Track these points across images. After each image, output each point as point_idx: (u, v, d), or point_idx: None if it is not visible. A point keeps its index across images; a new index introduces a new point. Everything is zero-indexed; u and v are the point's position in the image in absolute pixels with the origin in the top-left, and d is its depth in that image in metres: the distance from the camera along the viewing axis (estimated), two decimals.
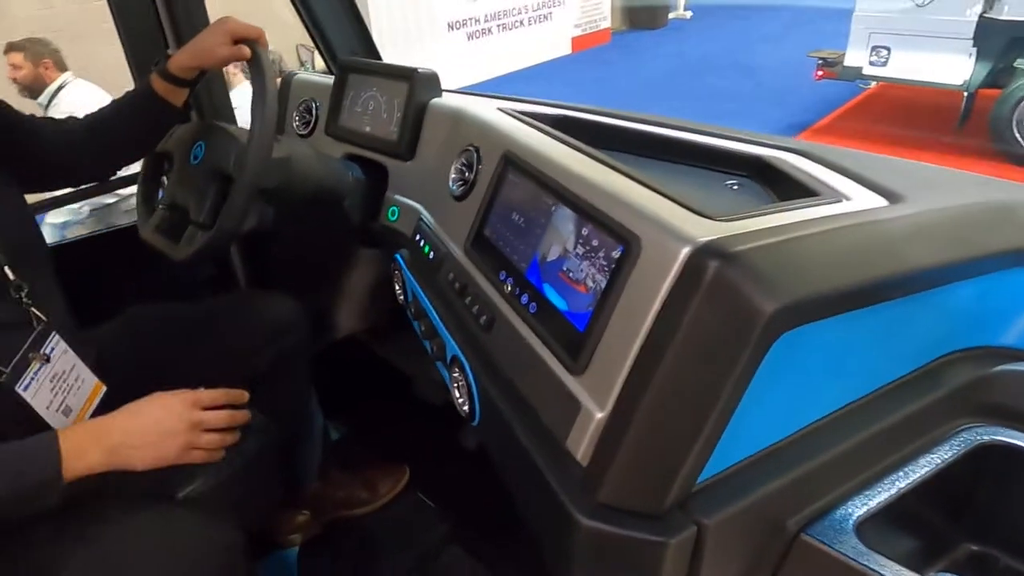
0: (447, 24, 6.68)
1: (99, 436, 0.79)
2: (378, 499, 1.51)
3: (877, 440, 0.66)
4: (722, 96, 5.93)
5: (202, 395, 0.87)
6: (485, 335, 0.80)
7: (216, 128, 1.06)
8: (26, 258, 0.89)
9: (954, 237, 0.65)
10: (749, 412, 0.56)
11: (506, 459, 0.76)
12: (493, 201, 0.87)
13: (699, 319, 0.52)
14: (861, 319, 0.59)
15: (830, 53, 5.06)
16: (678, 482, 0.56)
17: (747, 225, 0.58)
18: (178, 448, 0.83)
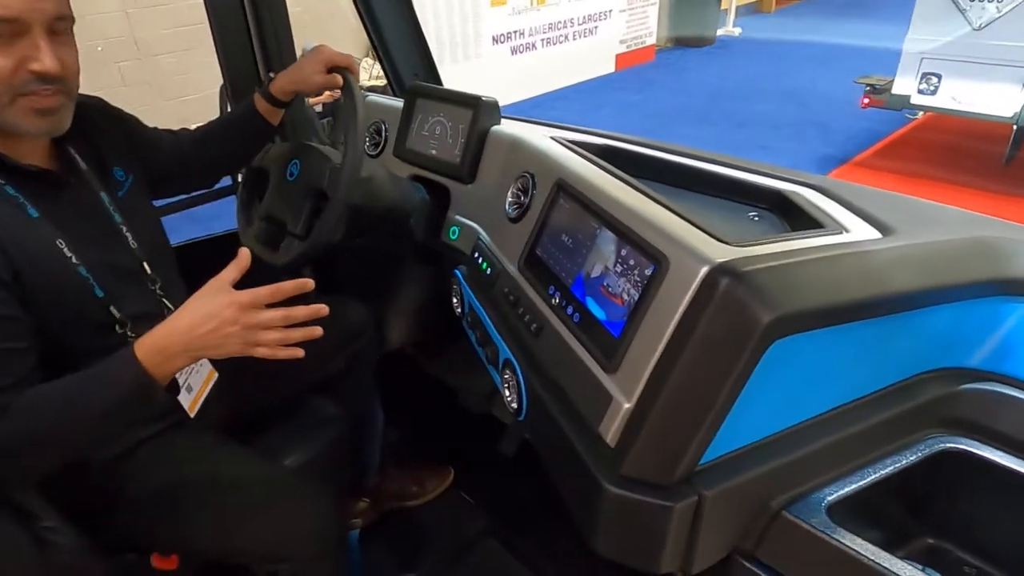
0: (491, 37, 6.83)
1: (171, 343, 0.83)
2: (426, 495, 1.69)
3: (853, 441, 0.79)
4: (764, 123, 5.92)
5: (256, 295, 0.84)
6: (534, 341, 0.95)
7: (310, 148, 1.23)
8: (158, 256, 1.08)
9: (932, 267, 0.79)
10: (745, 408, 0.70)
11: (548, 443, 0.91)
12: (545, 223, 1.01)
13: (710, 326, 0.67)
14: (846, 334, 0.73)
15: (879, 80, 5.01)
16: (685, 461, 0.71)
17: (757, 250, 0.72)
18: (240, 346, 0.85)
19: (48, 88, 0.87)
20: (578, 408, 0.82)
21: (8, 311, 0.84)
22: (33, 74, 0.85)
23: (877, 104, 4.95)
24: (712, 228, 0.77)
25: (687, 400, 0.69)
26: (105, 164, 1.07)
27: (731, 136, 5.60)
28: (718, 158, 1.13)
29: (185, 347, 0.84)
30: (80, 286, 0.94)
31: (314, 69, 1.18)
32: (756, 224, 0.97)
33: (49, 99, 0.88)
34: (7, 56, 0.83)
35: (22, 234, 0.88)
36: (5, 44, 0.83)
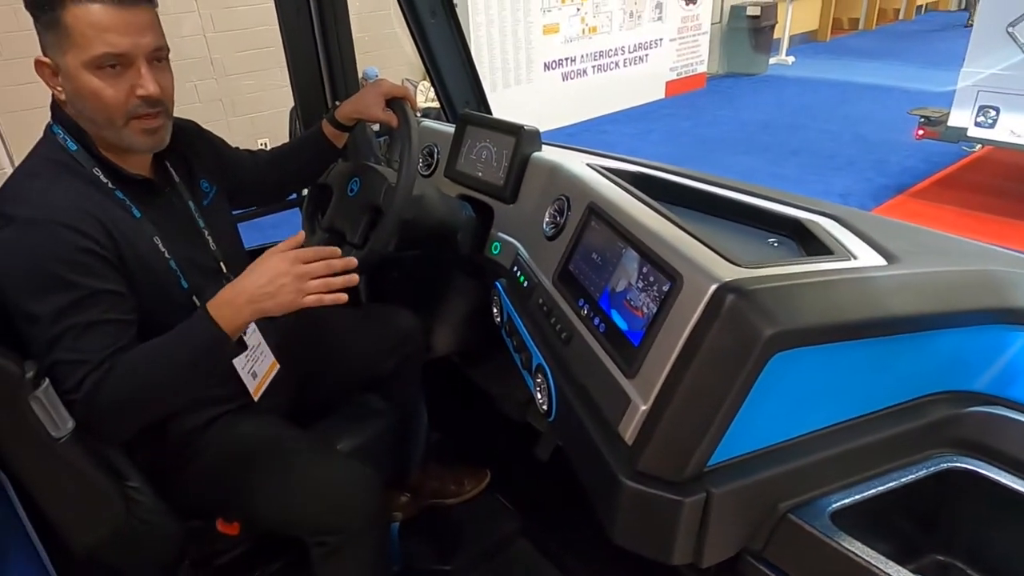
0: (543, 64, 6.99)
1: (237, 296, 0.97)
2: (463, 494, 1.79)
3: (859, 454, 0.85)
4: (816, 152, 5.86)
5: (301, 252, 0.99)
6: (564, 348, 1.03)
7: (369, 168, 1.34)
8: (233, 256, 1.23)
9: (932, 293, 0.84)
10: (752, 415, 0.77)
11: (574, 442, 0.99)
12: (578, 242, 1.10)
13: (717, 338, 0.74)
14: (848, 351, 0.79)
15: (934, 111, 4.90)
16: (695, 459, 0.78)
17: (764, 271, 0.79)
18: (293, 294, 0.97)
19: (152, 111, 1.02)
20: (601, 409, 0.90)
21: (119, 288, 0.99)
22: (140, 99, 1.00)
23: (932, 136, 4.85)
24: (724, 250, 0.84)
25: (696, 403, 0.77)
26: (194, 177, 1.22)
27: (782, 164, 5.58)
28: (744, 187, 1.19)
29: (248, 299, 0.97)
30: (170, 277, 1.09)
31: (375, 100, 1.31)
32: (773, 249, 1.04)
33: (154, 120, 1.03)
34: (119, 86, 0.98)
35: (128, 230, 1.03)
36: (116, 76, 0.98)
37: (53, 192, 0.98)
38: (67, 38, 0.95)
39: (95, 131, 1.02)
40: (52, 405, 0.92)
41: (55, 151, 1.03)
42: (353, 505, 1.17)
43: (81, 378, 0.93)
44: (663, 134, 6.81)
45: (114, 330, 0.97)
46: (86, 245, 0.95)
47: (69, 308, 0.93)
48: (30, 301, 0.93)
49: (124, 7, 0.96)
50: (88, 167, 1.03)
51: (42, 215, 0.94)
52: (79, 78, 0.97)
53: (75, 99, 0.99)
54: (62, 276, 0.93)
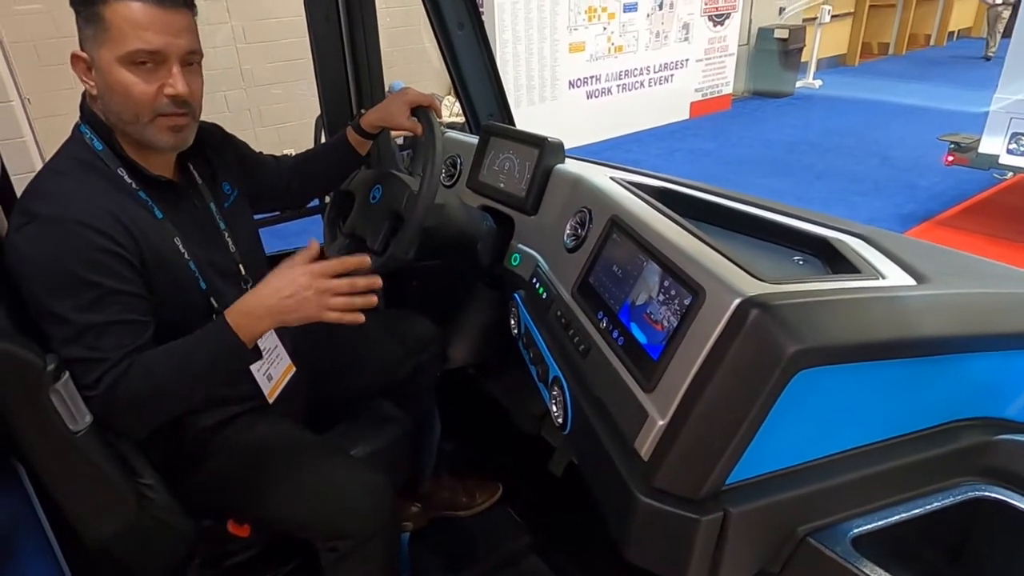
0: (568, 81, 7.04)
1: (257, 307, 0.98)
2: (475, 506, 1.77)
3: (884, 479, 0.82)
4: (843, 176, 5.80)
5: (326, 266, 0.98)
6: (581, 361, 1.02)
7: (392, 175, 1.35)
8: (252, 259, 1.24)
9: (963, 315, 0.82)
10: (773, 434, 0.75)
11: (589, 456, 0.98)
12: (599, 255, 1.09)
13: (739, 354, 0.73)
14: (875, 372, 0.77)
15: (964, 137, 4.85)
16: (713, 477, 0.76)
17: (789, 287, 0.78)
18: (315, 308, 0.97)
19: (179, 111, 1.04)
20: (617, 423, 0.89)
21: (138, 290, 1.01)
22: (168, 97, 1.01)
23: (962, 163, 4.80)
24: (748, 265, 0.83)
25: (716, 420, 0.75)
26: (216, 179, 1.24)
27: (807, 188, 5.54)
28: (769, 204, 1.18)
29: (268, 310, 0.98)
30: (189, 278, 1.10)
31: (400, 109, 1.33)
32: (799, 267, 1.02)
33: (179, 119, 1.05)
34: (150, 82, 1.00)
35: (149, 230, 1.04)
36: (148, 73, 1.00)
37: (77, 191, 0.99)
38: (105, 32, 0.97)
39: (121, 128, 1.04)
40: (71, 399, 0.93)
41: (82, 150, 1.04)
42: (365, 511, 1.16)
43: (99, 376, 0.95)
44: (687, 154, 6.80)
45: (132, 330, 0.98)
46: (106, 245, 0.97)
47: (88, 307, 0.95)
48: (51, 298, 0.94)
49: (163, 8, 0.98)
50: (113, 167, 1.05)
51: (65, 213, 0.95)
52: (112, 72, 0.98)
53: (105, 93, 1.01)
54: (82, 275, 0.94)
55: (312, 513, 1.16)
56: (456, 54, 1.75)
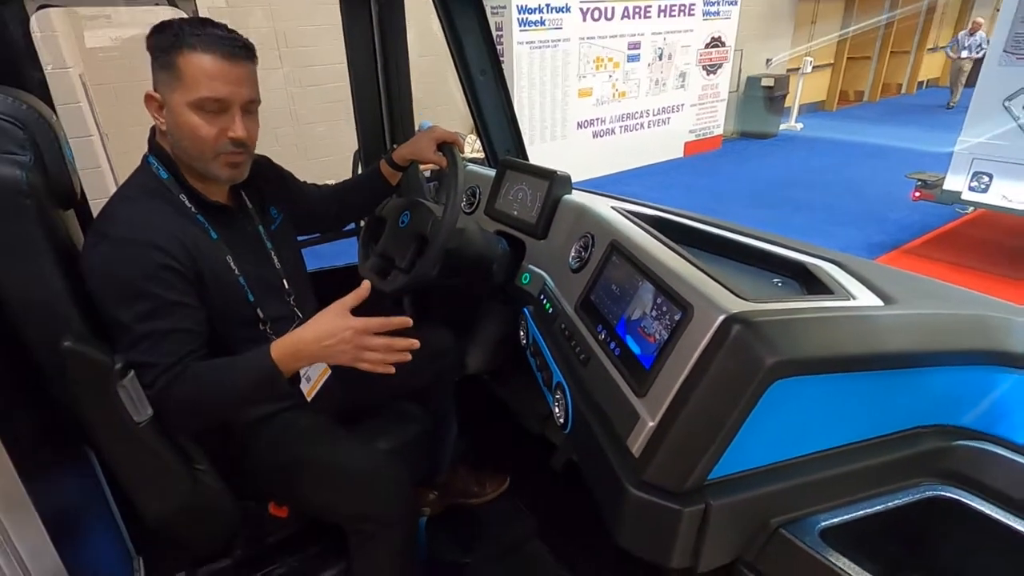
0: (576, 123, 7.09)
1: (301, 349, 0.98)
2: (485, 496, 1.78)
3: (850, 478, 0.82)
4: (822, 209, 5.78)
5: (369, 323, 0.97)
6: (582, 369, 1.03)
7: (419, 203, 1.37)
8: (295, 275, 1.25)
9: (926, 333, 0.82)
10: (751, 436, 0.75)
11: (587, 453, 0.98)
12: (599, 275, 1.10)
13: (722, 364, 0.73)
14: (845, 382, 0.77)
15: (930, 176, 4.83)
16: (696, 473, 0.76)
17: (768, 306, 0.78)
18: (350, 357, 0.98)
19: (237, 150, 1.06)
20: (612, 424, 0.89)
21: (193, 302, 1.02)
22: (230, 140, 1.04)
23: (928, 198, 4.78)
24: (732, 285, 0.83)
25: (700, 422, 0.75)
26: (265, 204, 1.26)
27: (789, 219, 5.52)
28: (753, 232, 1.18)
29: (309, 354, 0.99)
30: (238, 291, 1.12)
31: (428, 144, 1.35)
32: (778, 288, 1.02)
33: (237, 157, 1.08)
34: (213, 125, 1.03)
35: (205, 249, 1.07)
36: (213, 116, 1.02)
37: (143, 215, 1.02)
38: (178, 79, 1.00)
39: (186, 161, 1.07)
40: (136, 394, 0.95)
41: (149, 179, 1.07)
42: (389, 497, 1.17)
43: (154, 378, 0.96)
44: (681, 188, 6.81)
45: (187, 338, 1.00)
46: (168, 263, 0.99)
47: (149, 316, 0.96)
48: (117, 308, 0.96)
49: (230, 61, 1.01)
50: (176, 193, 1.07)
51: (131, 234, 0.98)
52: (181, 114, 1.01)
53: (174, 131, 1.04)
54: (144, 289, 0.96)
55: (342, 498, 1.17)
56: (478, 96, 1.78)
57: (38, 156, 0.95)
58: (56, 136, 0.99)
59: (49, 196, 0.97)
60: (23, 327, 0.92)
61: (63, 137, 1.03)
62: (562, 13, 6.43)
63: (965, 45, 9.95)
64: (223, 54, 1.00)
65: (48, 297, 0.92)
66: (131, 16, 4.28)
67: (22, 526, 0.81)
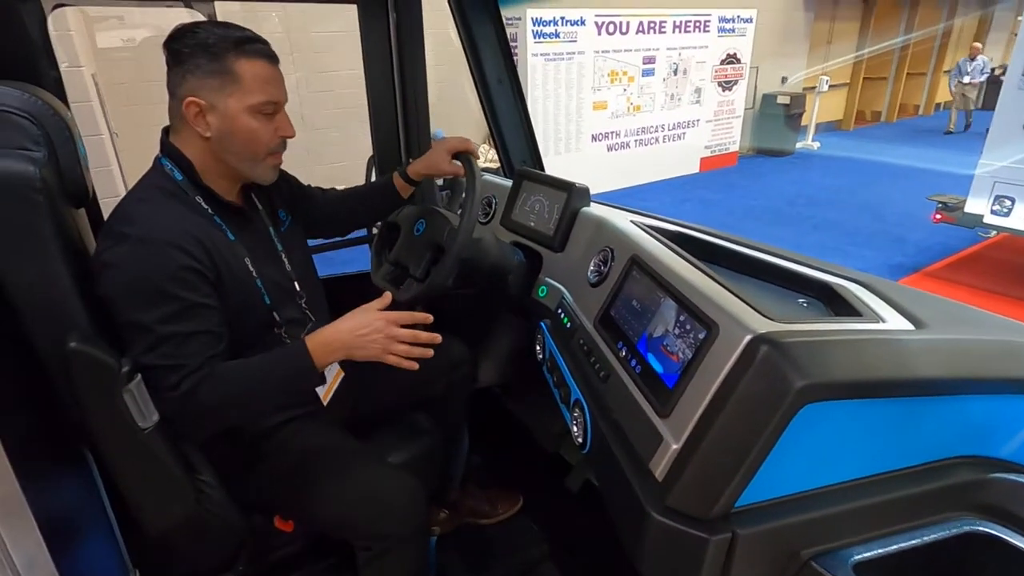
0: (591, 136, 7.11)
1: (334, 340, 1.02)
2: (497, 515, 1.74)
3: (883, 509, 0.79)
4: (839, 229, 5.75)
5: (396, 315, 1.05)
6: (601, 386, 1.01)
7: (435, 211, 1.36)
8: (306, 278, 1.25)
9: (960, 359, 0.79)
10: (780, 462, 0.73)
11: (606, 474, 0.96)
12: (619, 290, 1.08)
13: (749, 386, 0.71)
14: (876, 408, 0.75)
15: (951, 198, 4.82)
16: (723, 500, 0.74)
17: (796, 327, 0.76)
18: (380, 350, 1.03)
19: (282, 148, 1.11)
20: (633, 445, 0.87)
21: (215, 303, 1.02)
22: (282, 139, 1.09)
23: (949, 221, 4.77)
24: (759, 305, 0.82)
25: (727, 446, 0.73)
26: (274, 206, 1.26)
27: (806, 238, 5.50)
28: (775, 250, 1.16)
29: (342, 344, 1.03)
30: (256, 294, 1.11)
31: (442, 157, 1.36)
32: (803, 308, 1.00)
33: (280, 157, 1.12)
34: (269, 126, 1.07)
35: (224, 250, 1.06)
36: (267, 119, 1.06)
37: (161, 214, 1.01)
38: (234, 83, 1.01)
39: (233, 164, 1.08)
40: (142, 399, 0.94)
41: (163, 180, 1.06)
42: (401, 514, 1.15)
43: (179, 380, 0.95)
44: (696, 203, 6.80)
45: (210, 340, 0.99)
46: (189, 263, 0.98)
47: (172, 318, 0.96)
48: (137, 311, 0.95)
49: (275, 65, 1.06)
50: (192, 195, 1.07)
51: (152, 234, 0.97)
52: (239, 118, 1.03)
53: (227, 136, 1.04)
54: (167, 290, 0.96)
55: (353, 514, 1.15)
56: (494, 105, 1.77)
57: (52, 153, 0.95)
58: (71, 134, 0.99)
59: (61, 193, 0.96)
60: (28, 326, 0.91)
61: (77, 135, 1.03)
62: (577, 26, 6.48)
63: (967, 71, 9.93)
64: (268, 59, 1.05)
65: (56, 296, 0.91)
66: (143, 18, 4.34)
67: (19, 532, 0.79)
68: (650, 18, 7.05)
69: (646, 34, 7.11)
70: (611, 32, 6.79)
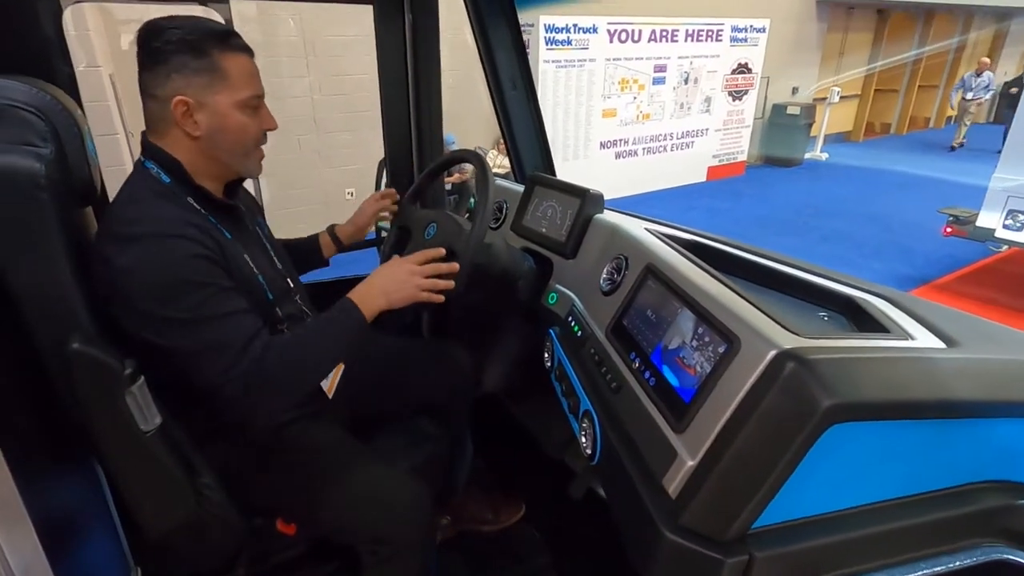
0: (599, 143, 7.09)
1: (372, 289, 1.08)
2: (499, 523, 1.71)
3: (906, 534, 0.76)
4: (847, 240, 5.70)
5: (415, 256, 1.14)
6: (613, 397, 0.97)
7: (446, 215, 1.33)
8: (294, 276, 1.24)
9: (995, 381, 0.76)
10: (801, 483, 0.69)
11: (615, 488, 0.92)
12: (633, 299, 1.05)
13: (773, 403, 0.68)
14: (905, 430, 0.71)
15: (962, 211, 4.77)
16: (739, 521, 0.71)
17: (823, 342, 0.72)
18: (412, 288, 1.10)
19: (264, 141, 1.09)
20: (646, 460, 0.84)
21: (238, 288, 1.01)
22: (265, 131, 1.07)
23: (960, 234, 4.71)
24: (782, 318, 0.78)
25: (746, 466, 0.70)
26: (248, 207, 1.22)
27: (814, 248, 5.45)
28: (794, 262, 1.13)
29: (381, 289, 1.09)
30: (259, 289, 1.09)
31: (367, 219, 1.45)
32: (825, 323, 0.97)
33: (262, 150, 1.10)
34: (255, 120, 1.05)
35: (226, 247, 1.03)
36: (253, 113, 1.04)
37: (163, 211, 0.98)
38: (222, 80, 0.98)
39: (224, 160, 1.05)
40: (144, 401, 0.92)
41: (150, 183, 1.01)
42: (406, 519, 1.12)
43: (232, 362, 0.93)
44: (703, 212, 6.76)
45: (248, 319, 0.98)
46: (204, 252, 0.96)
47: (204, 304, 0.93)
48: (166, 307, 0.91)
49: (253, 58, 1.04)
50: (182, 196, 1.03)
51: (163, 229, 0.94)
52: (229, 115, 1.00)
53: (217, 133, 1.01)
54: (191, 279, 0.93)
55: (358, 518, 1.12)
56: (508, 109, 1.75)
57: (59, 149, 0.92)
58: (79, 130, 0.96)
59: (68, 191, 0.94)
60: (30, 326, 0.88)
61: (87, 131, 1.01)
62: (589, 33, 6.46)
63: (971, 87, 9.75)
64: (249, 52, 1.03)
65: (58, 296, 0.88)
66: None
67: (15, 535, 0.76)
68: (663, 26, 7.02)
69: (658, 42, 7.08)
70: (623, 40, 6.77)
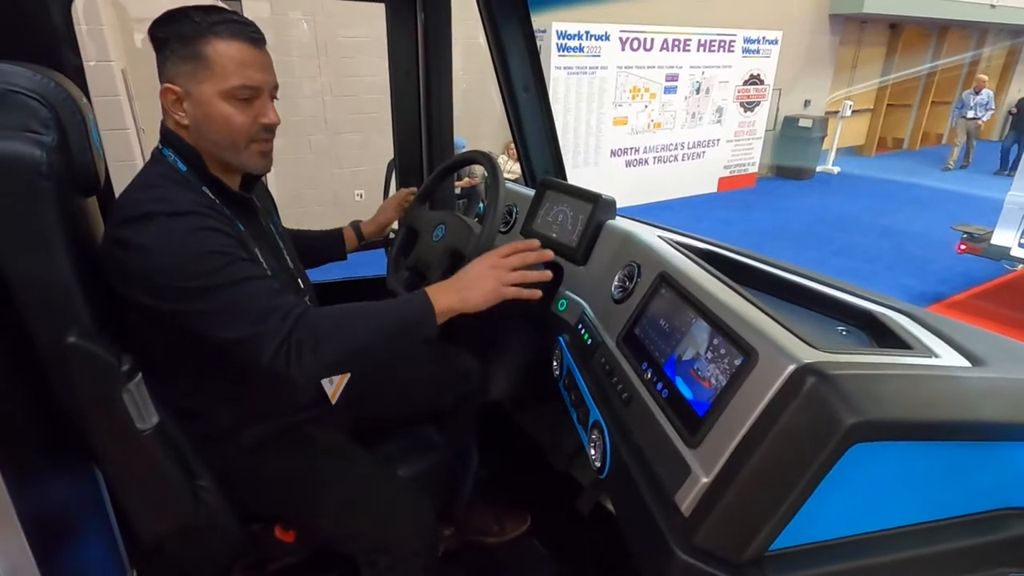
0: (610, 151, 7.07)
1: (447, 288, 1.02)
2: (504, 535, 1.67)
3: (927, 562, 0.73)
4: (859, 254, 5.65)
5: (501, 250, 1.06)
6: (623, 408, 0.94)
7: (454, 217, 1.31)
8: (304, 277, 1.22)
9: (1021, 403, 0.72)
10: (820, 505, 0.66)
11: (625, 502, 0.89)
12: (645, 308, 1.02)
13: (793, 420, 0.65)
14: (929, 452, 0.68)
15: (977, 228, 4.72)
16: (756, 543, 0.68)
17: (844, 358, 0.70)
18: (494, 283, 1.02)
19: (268, 136, 1.03)
20: (657, 475, 0.81)
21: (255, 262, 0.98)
22: (263, 126, 1.01)
23: (974, 252, 4.66)
24: (801, 331, 0.75)
25: (764, 484, 0.67)
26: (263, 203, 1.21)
27: (826, 262, 5.41)
28: (811, 274, 1.10)
29: (457, 287, 1.02)
30: None
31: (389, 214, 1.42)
32: (844, 337, 0.94)
33: (267, 145, 1.04)
34: (247, 113, 0.99)
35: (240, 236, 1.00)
36: (245, 105, 0.98)
37: (179, 194, 0.96)
38: (206, 69, 0.95)
39: (215, 153, 1.01)
40: (141, 399, 0.89)
41: (167, 170, 1.00)
42: (409, 529, 1.10)
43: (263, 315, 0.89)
44: (713, 222, 6.72)
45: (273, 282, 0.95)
46: (220, 227, 0.93)
47: (227, 268, 0.90)
48: (190, 278, 0.88)
49: (257, 47, 0.98)
50: (199, 185, 1.01)
51: (180, 207, 0.91)
52: (212, 105, 0.96)
53: (202, 123, 0.98)
54: (212, 249, 0.90)
55: (359, 526, 1.10)
56: (520, 113, 1.73)
57: (62, 137, 0.90)
58: (83, 118, 0.94)
59: (70, 180, 0.92)
60: (27, 319, 0.86)
61: (92, 120, 0.99)
62: (601, 41, 6.45)
63: (971, 105, 9.58)
64: (249, 40, 0.97)
65: (57, 288, 0.86)
66: None
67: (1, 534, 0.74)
68: (675, 36, 7.01)
69: (670, 51, 7.07)
70: (635, 48, 6.76)
